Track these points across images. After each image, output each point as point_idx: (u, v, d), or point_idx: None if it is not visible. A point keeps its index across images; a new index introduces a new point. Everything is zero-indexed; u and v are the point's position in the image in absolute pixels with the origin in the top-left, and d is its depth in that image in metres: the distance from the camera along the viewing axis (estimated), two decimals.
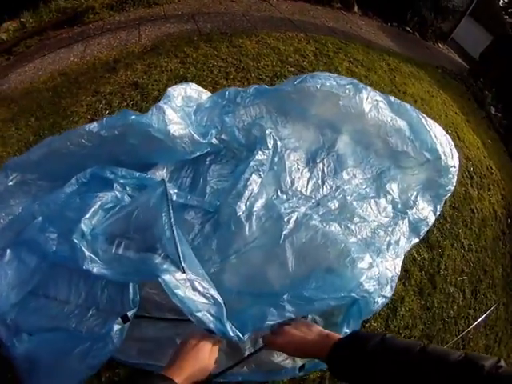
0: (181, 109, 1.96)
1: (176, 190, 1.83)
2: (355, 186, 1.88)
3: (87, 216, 1.43)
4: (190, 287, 1.20)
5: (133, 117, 1.81)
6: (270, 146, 1.79)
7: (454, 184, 2.05)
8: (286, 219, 1.55)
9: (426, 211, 1.98)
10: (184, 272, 1.22)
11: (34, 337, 1.42)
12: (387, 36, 6.66)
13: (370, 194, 1.90)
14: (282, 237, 1.51)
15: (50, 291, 1.48)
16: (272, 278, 1.49)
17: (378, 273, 1.44)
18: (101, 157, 1.99)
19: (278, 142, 1.84)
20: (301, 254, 1.49)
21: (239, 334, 1.25)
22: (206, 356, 1.12)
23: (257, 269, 1.52)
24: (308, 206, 1.75)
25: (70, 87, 3.87)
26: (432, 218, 1.98)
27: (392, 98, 2.06)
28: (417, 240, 1.90)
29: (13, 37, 6.38)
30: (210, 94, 2.27)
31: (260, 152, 1.76)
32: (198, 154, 1.90)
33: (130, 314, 1.34)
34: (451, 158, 2.03)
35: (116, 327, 1.30)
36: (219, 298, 1.24)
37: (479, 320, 3.15)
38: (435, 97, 4.99)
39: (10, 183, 2.20)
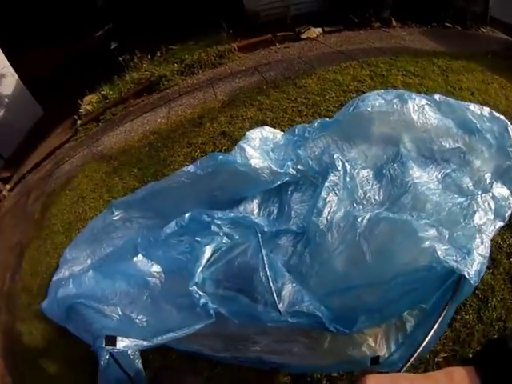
0: (259, 148, 2.38)
1: (266, 222, 2.20)
2: (425, 182, 2.01)
3: (201, 268, 1.86)
4: (291, 315, 1.60)
5: (220, 157, 2.32)
6: (339, 168, 2.12)
7: None
8: (359, 219, 1.76)
9: (505, 194, 1.95)
10: (281, 313, 1.60)
11: None
12: (430, 39, 6.59)
13: (439, 190, 1.98)
14: (357, 235, 1.72)
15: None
16: (355, 274, 1.71)
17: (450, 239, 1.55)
18: (198, 193, 2.51)
19: (346, 164, 2.16)
20: (375, 248, 1.68)
21: (341, 328, 1.54)
22: None
23: (342, 269, 1.77)
24: (383, 209, 1.97)
25: (164, 142, 4.45)
26: None
27: (437, 97, 2.27)
28: (501, 223, 1.84)
29: (97, 107, 7.60)
30: (282, 133, 2.69)
31: (332, 174, 2.09)
32: (279, 182, 2.28)
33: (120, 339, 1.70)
34: (509, 138, 2.09)
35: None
36: (317, 312, 1.56)
37: None
38: (491, 83, 4.81)
39: (115, 218, 2.89)
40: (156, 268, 2.07)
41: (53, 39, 17.07)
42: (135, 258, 2.21)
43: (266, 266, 1.73)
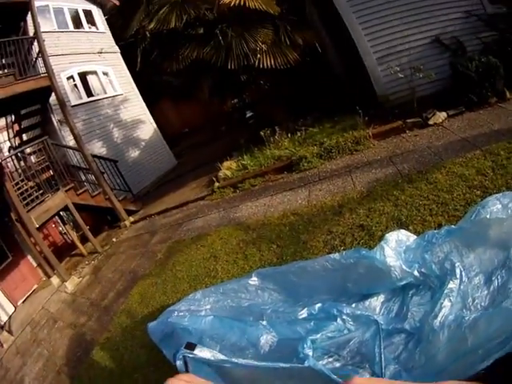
0: (395, 249, 2.92)
1: (385, 320, 2.67)
2: None
3: (317, 336, 2.39)
4: None
5: (363, 252, 2.93)
6: (457, 276, 2.56)
7: None
8: (466, 318, 2.18)
9: None
10: None
11: None
12: None
13: None
14: (463, 328, 2.12)
15: None
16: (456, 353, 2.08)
17: None
18: (333, 281, 3.07)
19: (463, 273, 2.59)
20: (477, 333, 2.05)
21: None
22: None
23: (445, 358, 2.15)
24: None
25: (305, 225, 4.91)
26: None
27: None
28: None
29: (236, 175, 8.59)
30: (414, 236, 3.20)
31: (451, 281, 2.52)
32: (405, 282, 2.79)
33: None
34: None
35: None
36: None
37: None
38: None
39: (250, 282, 3.44)
40: (273, 335, 2.58)
41: (191, 99, 19.67)
42: (259, 321, 2.75)
43: (382, 344, 2.16)
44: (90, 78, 14.59)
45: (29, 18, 10.46)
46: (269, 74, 8.69)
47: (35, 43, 9.94)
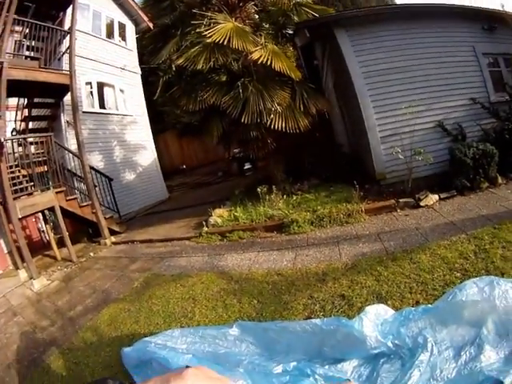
0: (373, 320, 3.21)
1: (357, 382, 2.94)
2: (490, 365, 2.63)
3: None
4: None
5: (343, 320, 3.20)
6: (428, 350, 2.84)
7: None
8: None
9: None
10: None
11: None
12: None
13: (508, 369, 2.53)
14: None
15: None
16: None
17: None
18: (311, 344, 3.31)
19: (434, 347, 2.87)
20: None
21: None
22: None
23: None
24: None
25: (288, 287, 5.03)
26: None
27: None
28: None
29: (226, 224, 8.74)
30: (393, 311, 3.49)
31: (422, 354, 2.80)
32: (378, 350, 3.04)
33: None
34: None
35: None
36: None
37: None
38: None
39: (231, 332, 3.63)
40: (249, 382, 2.68)
41: (195, 139, 20.12)
42: (236, 369, 2.95)
43: None
44: (107, 91, 14.87)
45: (68, 11, 10.75)
46: (277, 135, 8.95)
47: (67, 38, 10.25)
